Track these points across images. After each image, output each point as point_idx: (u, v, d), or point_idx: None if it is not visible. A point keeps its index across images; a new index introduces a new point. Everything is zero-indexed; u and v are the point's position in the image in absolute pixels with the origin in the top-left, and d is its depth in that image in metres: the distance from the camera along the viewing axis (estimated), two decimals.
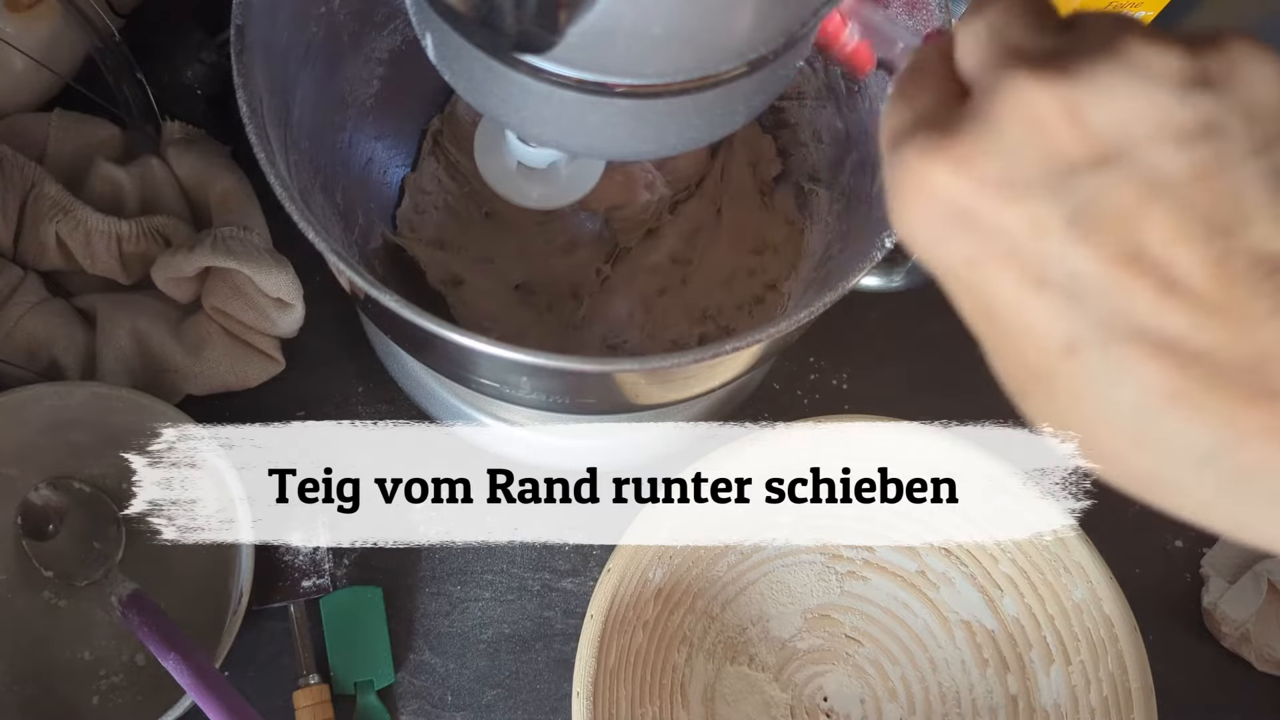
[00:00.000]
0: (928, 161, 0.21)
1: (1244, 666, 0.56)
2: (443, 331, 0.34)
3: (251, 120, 0.36)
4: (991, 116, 0.20)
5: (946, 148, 0.20)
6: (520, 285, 0.54)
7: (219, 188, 0.55)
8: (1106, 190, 0.19)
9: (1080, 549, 0.48)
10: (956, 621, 0.52)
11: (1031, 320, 0.20)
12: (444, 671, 0.54)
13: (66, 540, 0.52)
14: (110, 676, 0.52)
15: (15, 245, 0.54)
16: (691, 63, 0.27)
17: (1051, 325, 0.20)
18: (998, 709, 0.51)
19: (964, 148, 0.20)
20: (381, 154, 0.53)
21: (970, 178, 0.20)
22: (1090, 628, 0.48)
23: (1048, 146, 0.19)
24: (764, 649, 0.53)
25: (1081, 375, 0.20)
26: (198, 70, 0.56)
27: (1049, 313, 0.20)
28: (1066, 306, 0.19)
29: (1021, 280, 0.20)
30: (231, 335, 0.54)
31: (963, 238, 0.21)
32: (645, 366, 0.36)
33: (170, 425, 0.50)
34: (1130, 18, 0.20)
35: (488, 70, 0.29)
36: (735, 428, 0.59)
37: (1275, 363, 0.18)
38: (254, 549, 0.49)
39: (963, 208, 0.20)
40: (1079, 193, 0.19)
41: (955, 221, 0.21)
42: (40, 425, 0.51)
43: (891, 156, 0.22)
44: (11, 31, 0.55)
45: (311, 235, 0.35)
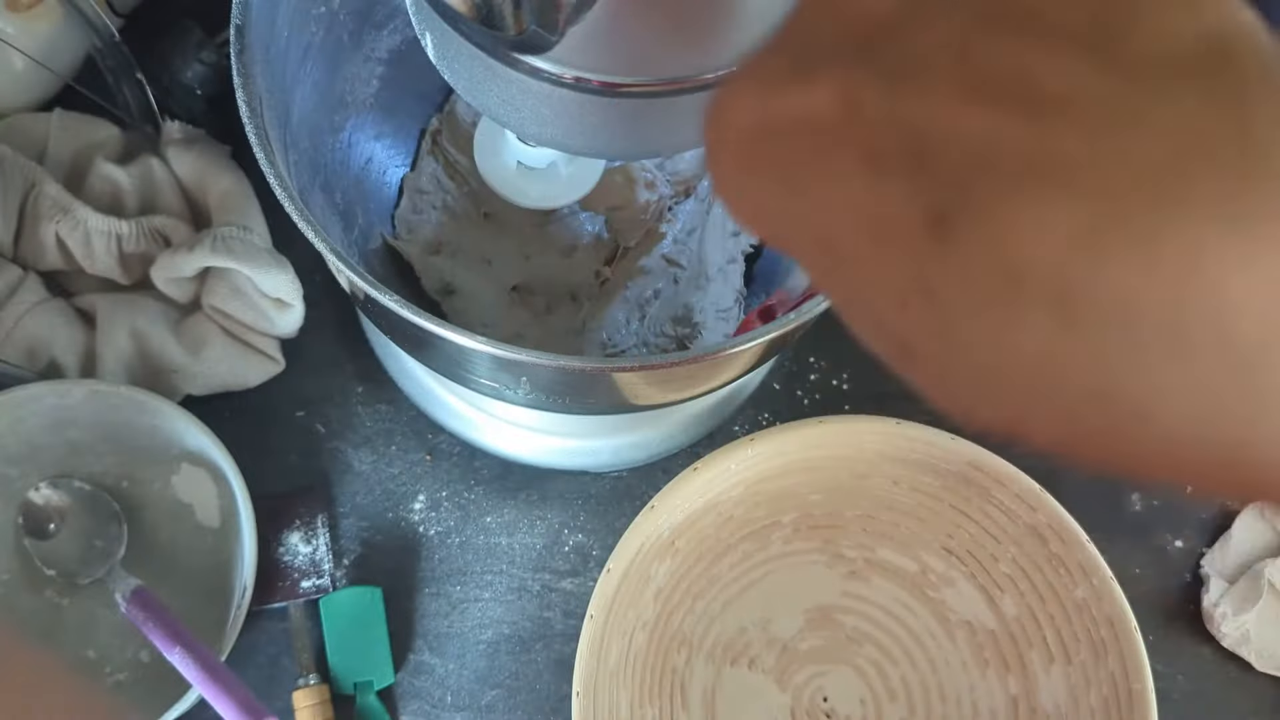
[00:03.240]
0: (719, 93, 0.18)
1: (1244, 666, 0.56)
2: (442, 331, 0.34)
3: (251, 120, 0.36)
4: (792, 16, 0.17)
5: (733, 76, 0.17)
6: (518, 286, 0.54)
7: (219, 188, 0.55)
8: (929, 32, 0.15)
9: (1080, 549, 0.48)
10: (957, 622, 0.52)
11: (879, 215, 0.15)
12: (444, 672, 0.54)
13: (68, 539, 0.52)
14: (115, 674, 0.52)
15: (15, 245, 0.54)
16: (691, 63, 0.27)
17: (904, 206, 0.15)
18: (998, 709, 0.51)
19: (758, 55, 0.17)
20: (381, 154, 0.53)
21: (762, 78, 0.17)
22: (1090, 628, 0.48)
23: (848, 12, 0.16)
24: (764, 650, 0.53)
25: (956, 253, 0.14)
26: (197, 70, 0.56)
27: (896, 194, 0.15)
28: (912, 178, 0.15)
29: (848, 170, 0.15)
30: (231, 335, 0.54)
31: (777, 159, 0.17)
32: (645, 366, 0.36)
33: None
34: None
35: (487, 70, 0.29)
36: (735, 428, 0.59)
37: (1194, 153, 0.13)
38: (256, 544, 0.49)
39: (756, 119, 0.17)
40: (893, 45, 0.15)
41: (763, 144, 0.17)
42: (40, 424, 0.51)
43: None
44: (11, 31, 0.55)
45: (311, 235, 0.35)
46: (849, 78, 0.16)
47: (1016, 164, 0.14)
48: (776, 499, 0.52)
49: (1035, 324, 0.14)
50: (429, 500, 0.56)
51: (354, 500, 0.56)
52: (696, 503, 0.50)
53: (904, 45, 0.15)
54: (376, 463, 0.57)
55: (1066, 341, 0.14)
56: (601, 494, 0.57)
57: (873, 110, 0.15)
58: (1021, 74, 0.14)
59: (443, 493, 0.57)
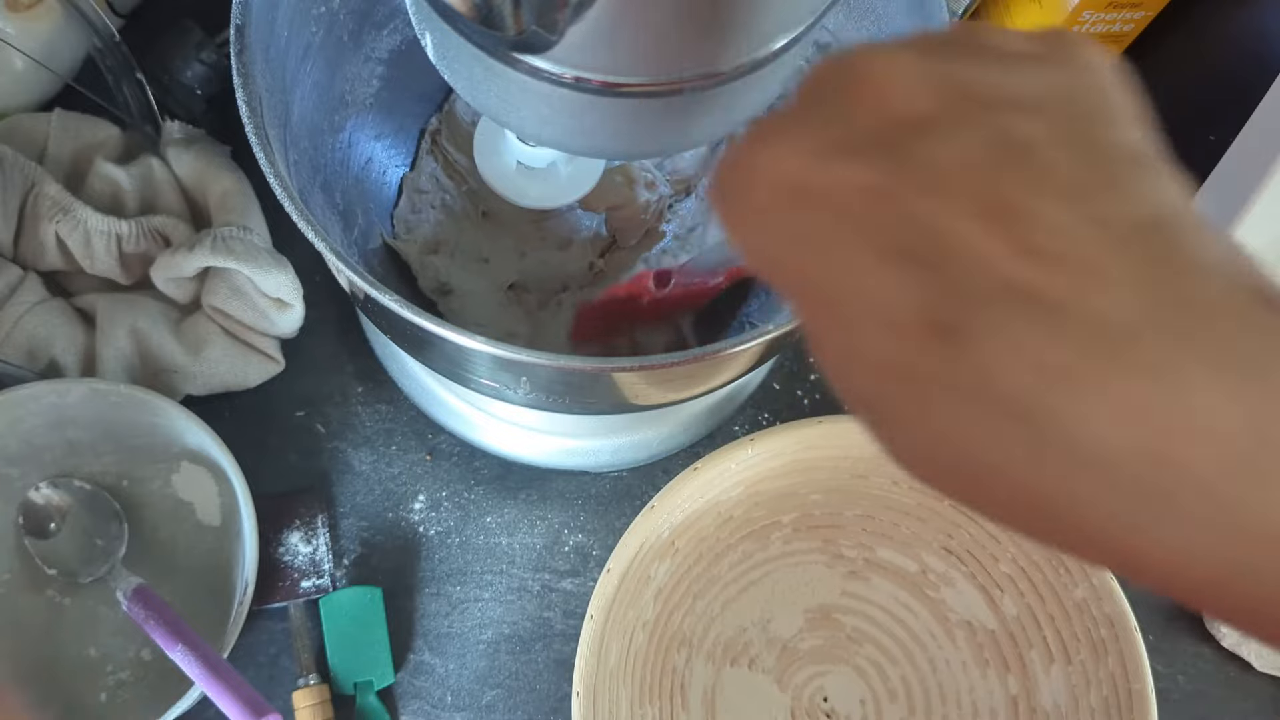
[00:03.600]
0: (752, 147, 0.19)
1: (1244, 666, 0.56)
2: (442, 331, 0.34)
3: (251, 120, 0.36)
4: (829, 85, 0.19)
5: (772, 127, 0.19)
6: (514, 285, 0.54)
7: (219, 188, 0.55)
8: (953, 149, 0.17)
9: None
10: (957, 621, 0.52)
11: (883, 298, 0.17)
12: (444, 672, 0.54)
13: (69, 538, 0.52)
14: (117, 672, 0.52)
15: (15, 245, 0.54)
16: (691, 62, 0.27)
17: (907, 299, 0.17)
18: (998, 709, 0.51)
19: (790, 121, 0.19)
20: (381, 154, 0.53)
21: (800, 148, 0.18)
22: (1090, 628, 0.48)
23: (885, 108, 0.18)
24: (764, 650, 0.53)
25: (948, 360, 0.16)
26: (197, 70, 0.56)
27: (902, 285, 0.17)
28: (922, 275, 0.17)
29: (867, 251, 0.17)
30: (231, 335, 0.54)
31: (796, 216, 0.18)
32: (645, 366, 0.36)
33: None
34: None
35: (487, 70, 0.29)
36: (735, 428, 0.59)
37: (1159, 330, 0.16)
38: (257, 541, 0.50)
39: (793, 183, 0.18)
40: (922, 151, 0.17)
41: (787, 202, 0.18)
42: (40, 424, 0.51)
43: (719, 169, 0.20)
44: (11, 31, 0.55)
45: (311, 235, 0.35)
46: (884, 170, 0.17)
47: (1017, 295, 0.16)
48: (776, 499, 0.52)
49: (1005, 439, 0.16)
50: (429, 500, 0.56)
51: (354, 500, 0.56)
52: (696, 503, 0.50)
53: (936, 152, 0.17)
54: (376, 463, 0.57)
55: (1031, 462, 0.16)
56: (601, 494, 0.57)
57: (900, 207, 0.17)
58: (1028, 213, 0.16)
59: (443, 493, 0.57)
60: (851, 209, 0.17)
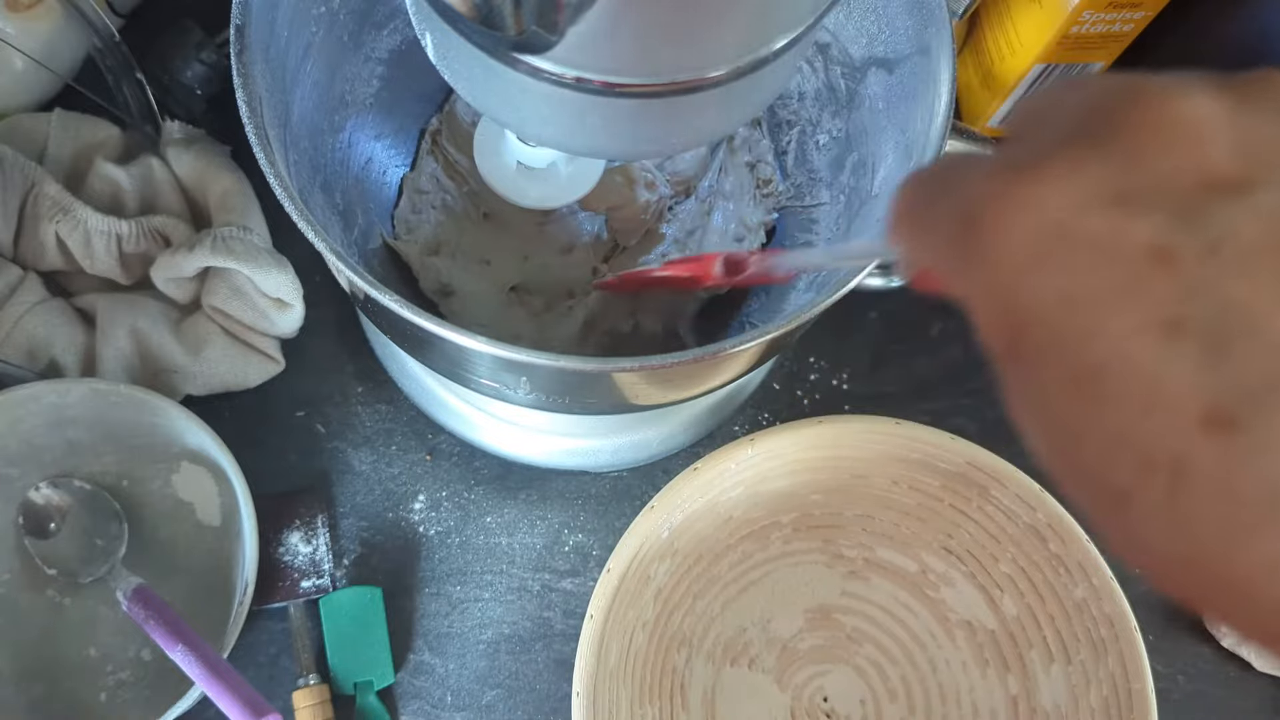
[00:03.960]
0: (1022, 178, 0.17)
1: (1244, 666, 0.56)
2: (442, 331, 0.34)
3: (251, 120, 0.36)
4: (1118, 120, 0.16)
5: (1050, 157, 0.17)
6: (516, 287, 0.54)
7: (218, 188, 0.55)
8: (1260, 222, 0.15)
9: (1080, 549, 0.48)
10: (957, 621, 0.52)
11: (1157, 380, 0.15)
12: (444, 672, 0.54)
13: (69, 538, 0.52)
14: (117, 672, 0.52)
15: (15, 245, 0.54)
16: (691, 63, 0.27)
17: (1188, 385, 0.15)
18: (998, 709, 0.51)
19: (1071, 159, 0.16)
20: (381, 154, 0.53)
21: (1077, 193, 0.16)
22: (1090, 628, 0.48)
23: (1191, 162, 0.16)
24: (764, 649, 0.53)
25: (1227, 457, 0.14)
26: (197, 70, 0.56)
27: (1183, 368, 0.15)
28: (1207, 360, 0.15)
29: (1144, 324, 0.15)
30: (231, 335, 0.54)
31: (1062, 268, 0.16)
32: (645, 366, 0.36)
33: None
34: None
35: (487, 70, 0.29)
36: (735, 428, 0.59)
37: None
38: (257, 540, 0.50)
39: (1067, 227, 0.16)
40: (1224, 219, 0.15)
41: (1053, 246, 0.16)
42: (40, 424, 0.51)
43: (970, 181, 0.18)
44: (11, 31, 0.55)
45: (311, 235, 0.35)
46: (1172, 229, 0.15)
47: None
48: (776, 499, 0.52)
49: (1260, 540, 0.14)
50: (429, 500, 0.56)
51: (354, 500, 0.56)
52: (696, 503, 0.50)
53: (1236, 218, 0.15)
54: (376, 463, 0.57)
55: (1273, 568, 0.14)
56: (601, 494, 0.57)
57: (1187, 275, 0.15)
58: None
59: (443, 493, 0.57)
60: (1135, 270, 0.15)
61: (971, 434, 0.50)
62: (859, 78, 0.47)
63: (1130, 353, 0.15)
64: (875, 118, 0.46)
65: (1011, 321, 0.17)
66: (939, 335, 0.60)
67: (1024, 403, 0.17)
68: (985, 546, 0.51)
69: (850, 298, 0.39)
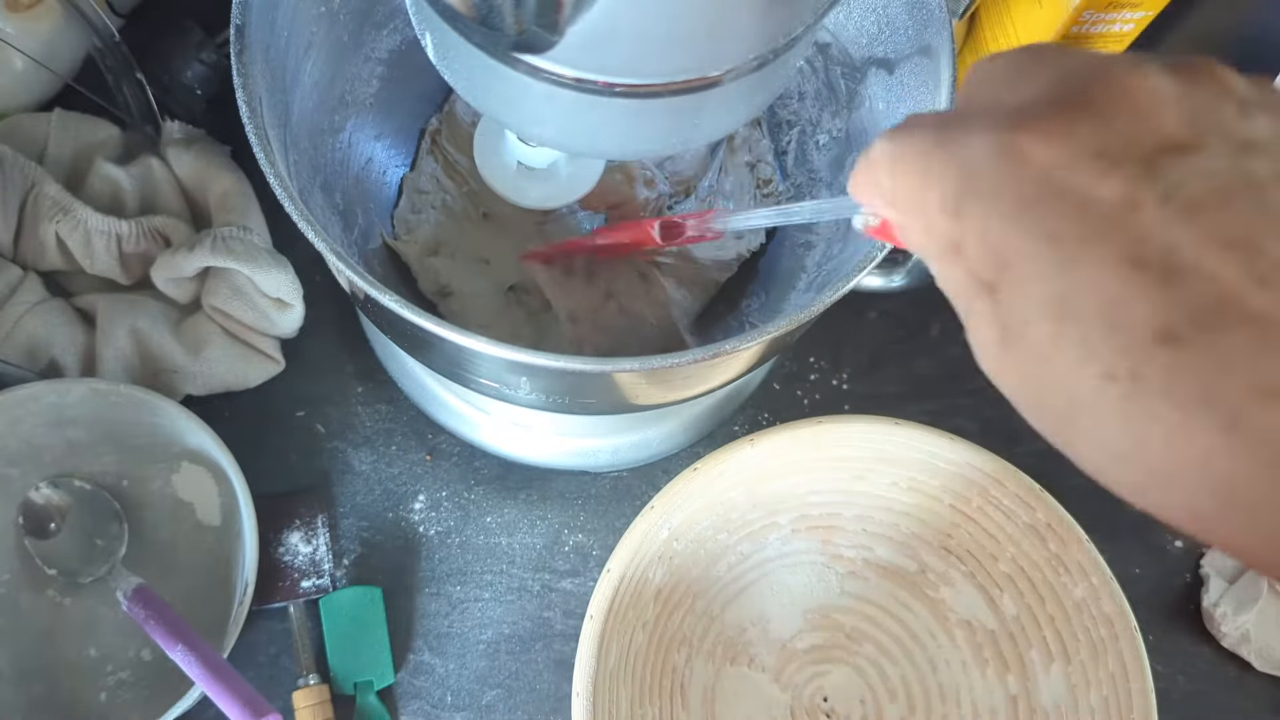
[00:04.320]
0: (1022, 133, 0.20)
1: (1244, 666, 0.56)
2: (442, 331, 0.34)
3: (251, 120, 0.36)
4: (1094, 95, 0.20)
5: (1044, 118, 0.20)
6: (514, 287, 0.54)
7: (218, 188, 0.55)
8: (1202, 178, 0.19)
9: (1080, 549, 0.48)
10: (956, 621, 0.52)
11: (1123, 304, 0.19)
12: (444, 672, 0.54)
13: (69, 538, 0.52)
14: (117, 672, 0.52)
15: (15, 245, 0.54)
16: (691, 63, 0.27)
17: (1139, 304, 0.18)
18: (997, 709, 0.51)
19: (1062, 120, 0.20)
20: (381, 154, 0.53)
21: (1066, 149, 0.20)
22: (1090, 628, 0.48)
23: (1149, 127, 0.19)
24: (764, 649, 0.53)
25: (1168, 366, 0.18)
26: (197, 70, 0.56)
27: (1144, 294, 0.18)
28: (1157, 286, 0.18)
29: (1116, 258, 0.19)
30: (231, 335, 0.54)
31: (1051, 212, 0.20)
32: (645, 366, 0.36)
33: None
34: None
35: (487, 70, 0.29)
36: (735, 428, 0.59)
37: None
38: (257, 540, 0.50)
39: (1056, 180, 0.20)
40: (1175, 174, 0.19)
41: (1044, 194, 0.20)
42: (39, 423, 0.51)
43: (974, 132, 0.21)
44: (11, 31, 0.55)
45: (311, 235, 0.35)
46: (1138, 181, 0.19)
47: (1245, 317, 0.17)
48: (776, 499, 0.52)
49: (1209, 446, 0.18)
50: (429, 500, 0.56)
51: (354, 500, 0.56)
52: (696, 503, 0.50)
53: (1187, 178, 0.18)
54: (376, 463, 0.57)
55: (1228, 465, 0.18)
56: (601, 494, 0.57)
57: (1147, 219, 0.18)
58: (1260, 246, 0.18)
59: (443, 493, 0.57)
60: (1107, 215, 0.19)
61: (971, 434, 0.50)
62: (859, 78, 0.47)
63: (1103, 281, 0.19)
64: (875, 118, 0.46)
65: (998, 259, 0.20)
66: (939, 335, 0.60)
67: (995, 335, 0.21)
68: (985, 546, 0.51)
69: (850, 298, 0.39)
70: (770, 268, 0.55)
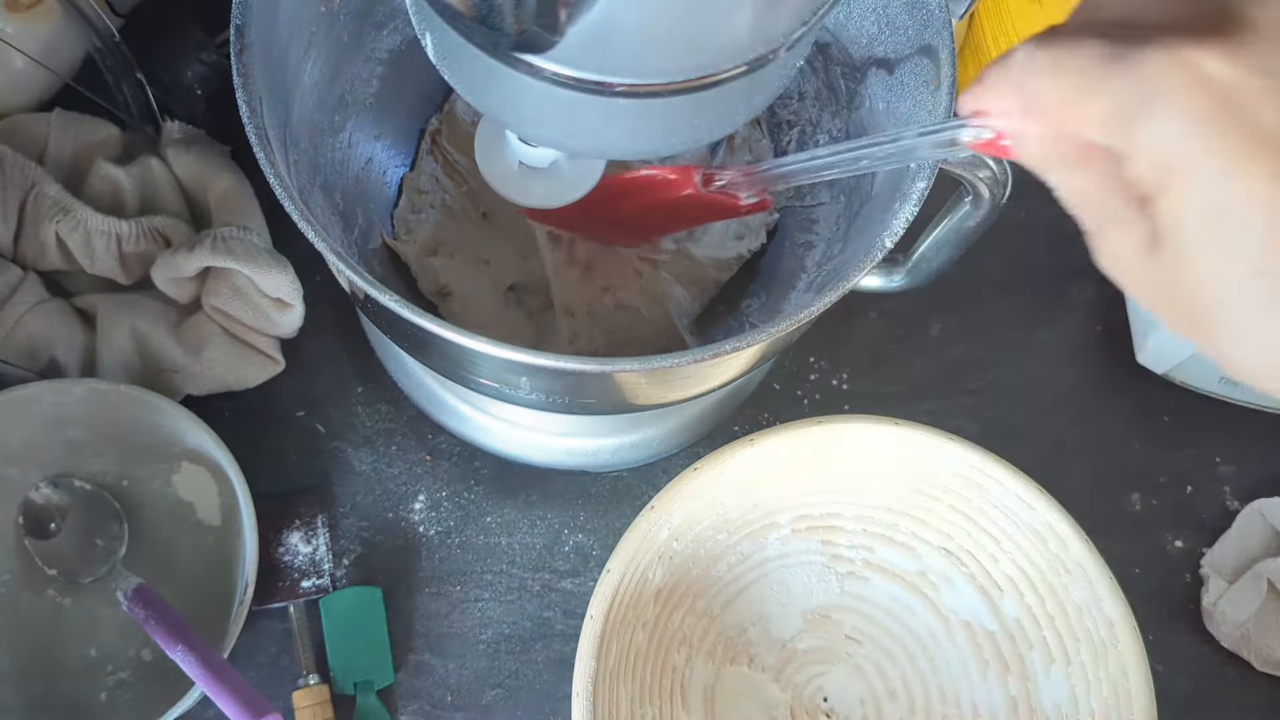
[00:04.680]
0: (1202, 50, 0.21)
1: (1244, 666, 0.56)
2: (442, 331, 0.34)
3: (251, 120, 0.36)
4: (1254, 16, 0.21)
5: (1220, 35, 0.21)
6: (514, 286, 0.54)
7: (218, 188, 0.55)
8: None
9: (1080, 549, 0.48)
10: (957, 622, 0.52)
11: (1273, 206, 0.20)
12: (444, 672, 0.54)
13: (69, 538, 0.52)
14: (117, 672, 0.52)
15: (15, 245, 0.54)
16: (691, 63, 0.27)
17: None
18: (998, 710, 0.51)
19: (1235, 39, 0.21)
20: (381, 154, 0.53)
21: (1239, 66, 0.21)
22: (1090, 628, 0.48)
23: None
24: (764, 649, 0.53)
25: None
26: (197, 70, 0.56)
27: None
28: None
29: (1269, 172, 0.20)
30: (231, 335, 0.54)
31: (1228, 129, 0.21)
32: (645, 366, 0.36)
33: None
34: None
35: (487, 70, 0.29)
36: (735, 428, 0.59)
37: None
38: (257, 540, 0.50)
39: (1233, 98, 0.21)
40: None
41: (1222, 111, 0.21)
42: (39, 423, 0.51)
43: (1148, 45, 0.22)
44: (11, 31, 0.55)
45: (311, 235, 0.35)
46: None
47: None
48: (776, 499, 0.52)
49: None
50: (429, 500, 0.56)
51: (354, 500, 0.56)
52: (696, 503, 0.50)
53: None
54: (376, 463, 0.57)
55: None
56: (601, 494, 0.57)
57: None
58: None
59: (443, 493, 0.57)
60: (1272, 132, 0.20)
61: (971, 434, 0.50)
62: (859, 78, 0.47)
63: (1264, 190, 0.20)
64: (875, 118, 0.46)
65: (1166, 170, 0.21)
66: (939, 335, 0.60)
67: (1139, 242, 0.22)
68: (985, 547, 0.51)
69: (850, 298, 0.39)
70: (770, 268, 0.55)
